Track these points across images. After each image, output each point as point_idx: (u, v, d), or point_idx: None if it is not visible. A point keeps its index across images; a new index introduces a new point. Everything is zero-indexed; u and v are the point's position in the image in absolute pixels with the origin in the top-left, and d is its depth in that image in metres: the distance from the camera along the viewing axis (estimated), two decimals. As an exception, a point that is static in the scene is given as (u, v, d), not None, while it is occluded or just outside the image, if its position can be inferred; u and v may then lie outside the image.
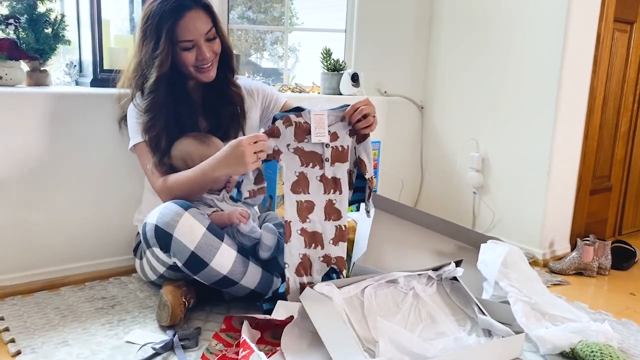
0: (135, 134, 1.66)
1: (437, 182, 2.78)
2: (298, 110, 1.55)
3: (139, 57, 1.63)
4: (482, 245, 1.77)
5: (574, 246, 2.31)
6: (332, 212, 1.57)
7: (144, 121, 1.62)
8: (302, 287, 1.51)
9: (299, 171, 1.54)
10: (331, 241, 1.57)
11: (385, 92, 2.69)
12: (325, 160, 1.55)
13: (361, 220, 1.86)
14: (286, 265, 1.53)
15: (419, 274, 1.62)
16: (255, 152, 1.46)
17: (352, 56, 2.64)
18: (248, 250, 1.62)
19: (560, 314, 1.58)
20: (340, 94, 2.49)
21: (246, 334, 1.38)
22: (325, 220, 1.56)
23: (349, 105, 1.56)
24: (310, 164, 1.55)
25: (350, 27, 2.63)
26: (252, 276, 1.56)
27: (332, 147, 1.55)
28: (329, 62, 2.47)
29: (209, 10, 1.62)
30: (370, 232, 1.77)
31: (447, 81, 2.68)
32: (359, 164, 1.61)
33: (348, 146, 1.57)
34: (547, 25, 2.19)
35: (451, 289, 1.64)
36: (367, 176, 1.61)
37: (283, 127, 1.52)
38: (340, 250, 1.57)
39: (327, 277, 1.57)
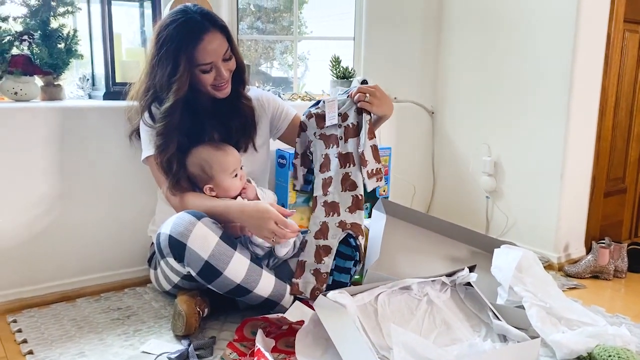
0: (147, 147, 1.68)
1: (449, 187, 2.77)
2: (317, 103, 1.81)
3: (153, 80, 1.62)
4: (496, 250, 1.76)
5: (589, 249, 2.29)
6: (348, 183, 1.72)
7: (156, 142, 1.62)
8: (317, 248, 1.67)
9: (324, 153, 1.76)
10: (347, 210, 1.70)
11: (395, 98, 2.69)
12: (340, 138, 1.74)
13: (373, 227, 1.86)
14: (308, 231, 1.71)
15: (432, 280, 1.62)
16: (274, 232, 1.54)
17: (361, 63, 2.65)
18: (261, 259, 1.63)
19: (576, 318, 1.57)
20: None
21: (260, 342, 1.38)
22: (342, 191, 1.71)
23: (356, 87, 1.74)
24: (331, 145, 1.75)
25: (359, 35, 2.64)
26: (265, 284, 1.57)
27: (344, 126, 1.74)
28: (338, 69, 2.48)
29: (224, 31, 1.62)
30: (383, 238, 1.77)
31: (457, 86, 2.67)
32: (360, 159, 1.71)
33: (358, 122, 1.73)
34: (556, 27, 2.18)
35: (465, 294, 1.63)
36: (366, 170, 1.70)
37: (307, 120, 1.79)
38: (356, 217, 1.70)
39: (343, 243, 1.68)
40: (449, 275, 1.64)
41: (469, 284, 1.63)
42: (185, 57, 1.56)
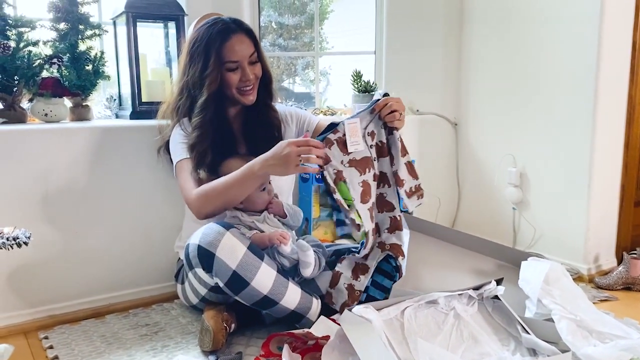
0: (179, 153, 1.71)
1: (474, 199, 2.74)
2: (332, 127, 1.58)
3: (185, 79, 1.71)
4: (523, 263, 1.74)
5: (620, 260, 2.24)
6: (384, 205, 1.65)
7: (192, 137, 1.67)
8: (356, 264, 1.63)
9: (361, 181, 1.58)
10: (386, 230, 1.65)
11: (417, 110, 2.69)
12: (374, 159, 1.63)
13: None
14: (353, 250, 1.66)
15: (459, 294, 1.60)
16: (299, 156, 1.47)
17: (382, 77, 2.65)
18: (288, 272, 1.64)
19: (608, 331, 1.53)
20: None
21: (287, 357, 1.38)
22: (379, 212, 1.65)
23: (379, 100, 1.62)
24: (367, 170, 1.59)
25: (380, 48, 2.65)
26: (292, 296, 1.57)
27: (375, 144, 1.63)
28: (359, 83, 2.50)
29: (251, 35, 1.71)
30: (407, 254, 1.75)
31: (480, 97, 2.66)
32: (395, 179, 1.64)
33: (388, 140, 1.64)
34: (580, 36, 2.16)
35: (493, 308, 1.61)
36: (403, 189, 1.63)
37: (328, 149, 1.55)
38: (395, 238, 1.65)
39: (384, 261, 1.64)
40: (476, 288, 1.62)
41: (496, 297, 1.61)
42: (215, 53, 1.65)
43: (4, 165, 1.69)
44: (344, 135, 1.55)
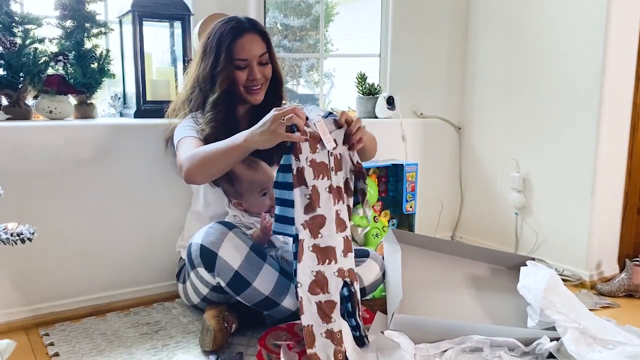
0: (186, 133, 1.66)
1: (477, 203, 2.74)
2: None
3: (197, 73, 1.71)
4: (522, 269, 1.72)
5: (622, 267, 2.24)
6: (339, 223, 1.45)
7: (206, 132, 1.64)
8: (319, 305, 1.38)
9: (311, 185, 1.40)
10: (342, 253, 1.45)
11: (421, 114, 2.69)
12: (331, 169, 1.44)
13: (389, 264, 1.75)
14: (298, 285, 1.39)
15: (510, 349, 1.52)
16: (277, 119, 1.37)
17: (387, 80, 2.66)
18: (289, 275, 1.63)
19: (610, 338, 1.53)
20: (376, 117, 2.51)
21: (284, 357, 1.37)
22: (335, 232, 1.44)
23: (332, 113, 1.51)
24: (320, 176, 1.42)
25: (385, 51, 2.65)
26: (293, 298, 1.56)
27: (334, 155, 1.46)
28: (364, 86, 2.50)
29: (264, 37, 1.72)
30: (402, 274, 1.66)
31: (484, 101, 2.66)
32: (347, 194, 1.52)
33: (342, 155, 1.49)
34: (585, 42, 2.16)
35: None
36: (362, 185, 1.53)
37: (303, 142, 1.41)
38: (349, 262, 1.47)
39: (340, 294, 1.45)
40: (527, 344, 1.53)
41: (551, 355, 1.51)
42: (225, 50, 1.66)
43: (8, 162, 1.68)
44: (315, 132, 1.41)
